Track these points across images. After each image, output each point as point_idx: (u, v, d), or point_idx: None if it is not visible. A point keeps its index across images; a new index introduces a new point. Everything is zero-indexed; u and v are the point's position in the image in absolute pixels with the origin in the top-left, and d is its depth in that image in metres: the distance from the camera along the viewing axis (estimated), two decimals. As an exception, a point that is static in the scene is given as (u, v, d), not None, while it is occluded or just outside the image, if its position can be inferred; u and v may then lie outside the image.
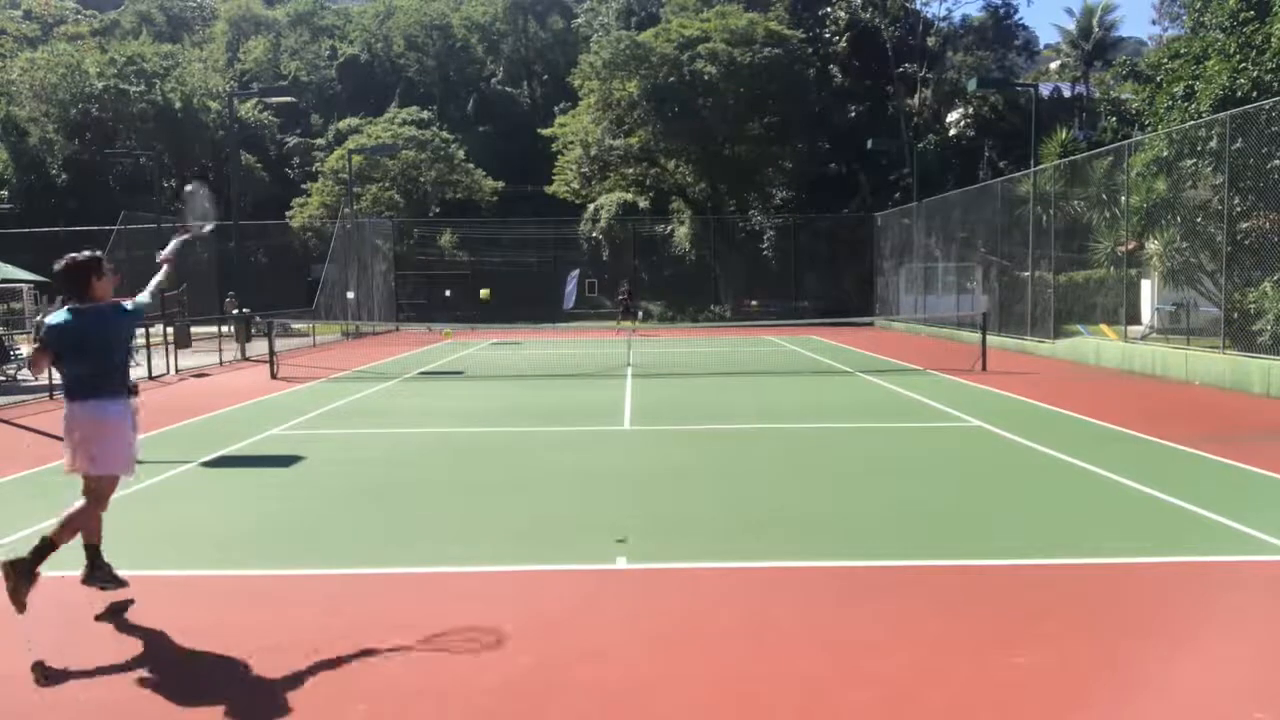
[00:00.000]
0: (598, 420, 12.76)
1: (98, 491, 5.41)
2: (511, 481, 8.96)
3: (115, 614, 5.34)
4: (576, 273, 46.90)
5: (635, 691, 4.32)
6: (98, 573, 5.50)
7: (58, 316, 5.43)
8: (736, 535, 6.94)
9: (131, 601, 5.47)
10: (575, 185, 48.71)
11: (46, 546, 5.13)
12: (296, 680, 4.47)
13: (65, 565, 5.56)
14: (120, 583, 5.52)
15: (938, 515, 7.47)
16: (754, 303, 43.18)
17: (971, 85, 35.88)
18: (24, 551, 5.12)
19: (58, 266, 5.44)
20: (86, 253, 5.53)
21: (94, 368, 5.36)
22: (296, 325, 31.42)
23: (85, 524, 5.40)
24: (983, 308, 25.21)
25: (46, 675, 4.49)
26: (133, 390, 5.49)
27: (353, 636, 4.94)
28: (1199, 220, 17.86)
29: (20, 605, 4.94)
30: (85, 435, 5.31)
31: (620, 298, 37.20)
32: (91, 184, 49.97)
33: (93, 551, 5.50)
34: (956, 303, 30.88)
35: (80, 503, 5.37)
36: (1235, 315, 16.00)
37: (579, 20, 65.93)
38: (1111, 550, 6.42)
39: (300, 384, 17.94)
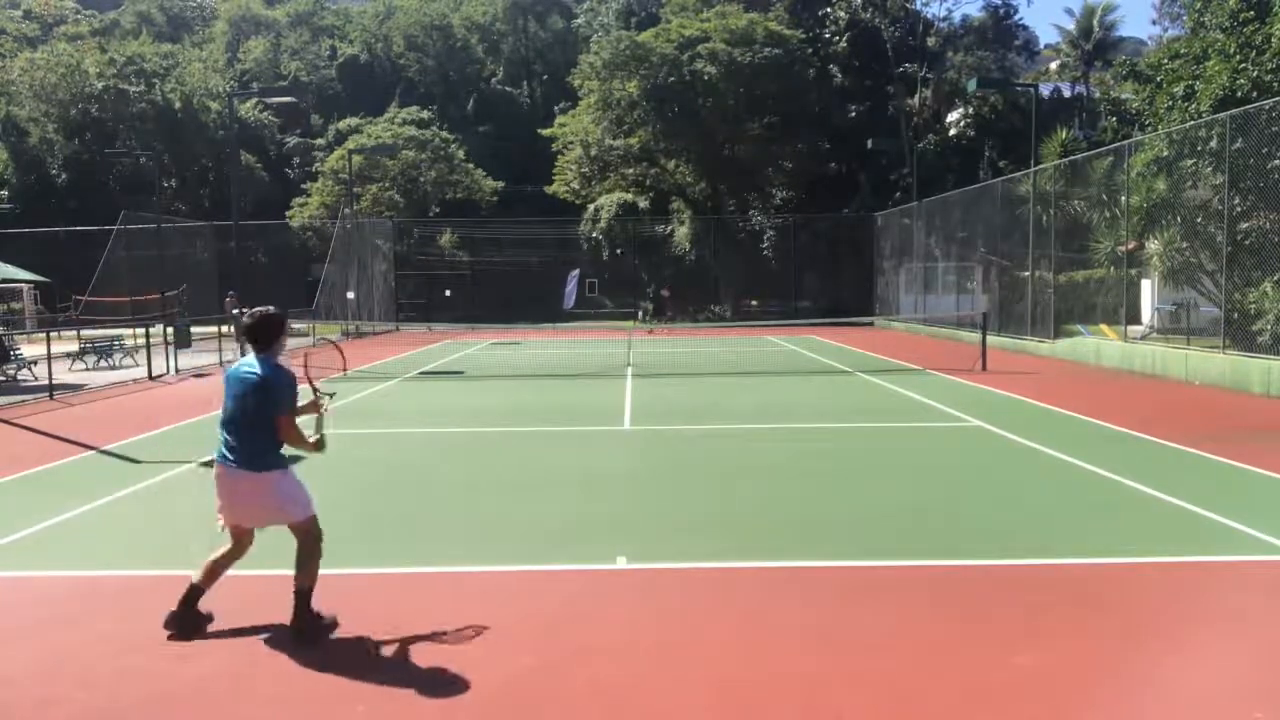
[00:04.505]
0: (598, 420, 12.75)
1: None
2: (512, 481, 8.96)
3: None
4: (576, 273, 46.90)
5: (635, 692, 4.31)
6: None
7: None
8: (736, 535, 6.94)
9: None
10: (575, 185, 48.71)
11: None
12: (297, 680, 4.47)
13: (58, 566, 5.56)
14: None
15: (937, 515, 7.47)
16: (754, 302, 43.17)
17: (971, 85, 35.86)
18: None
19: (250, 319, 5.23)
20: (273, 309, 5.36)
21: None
22: (296, 325, 31.42)
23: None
24: (983, 308, 25.22)
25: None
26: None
27: (353, 636, 4.94)
28: (1199, 220, 17.86)
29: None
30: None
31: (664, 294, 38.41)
32: (91, 184, 49.98)
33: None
34: (956, 303, 30.88)
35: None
36: (1235, 315, 16.00)
37: (579, 20, 66.00)
38: (1111, 550, 6.42)
39: (300, 384, 17.93)
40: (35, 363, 19.14)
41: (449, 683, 4.41)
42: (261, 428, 5.07)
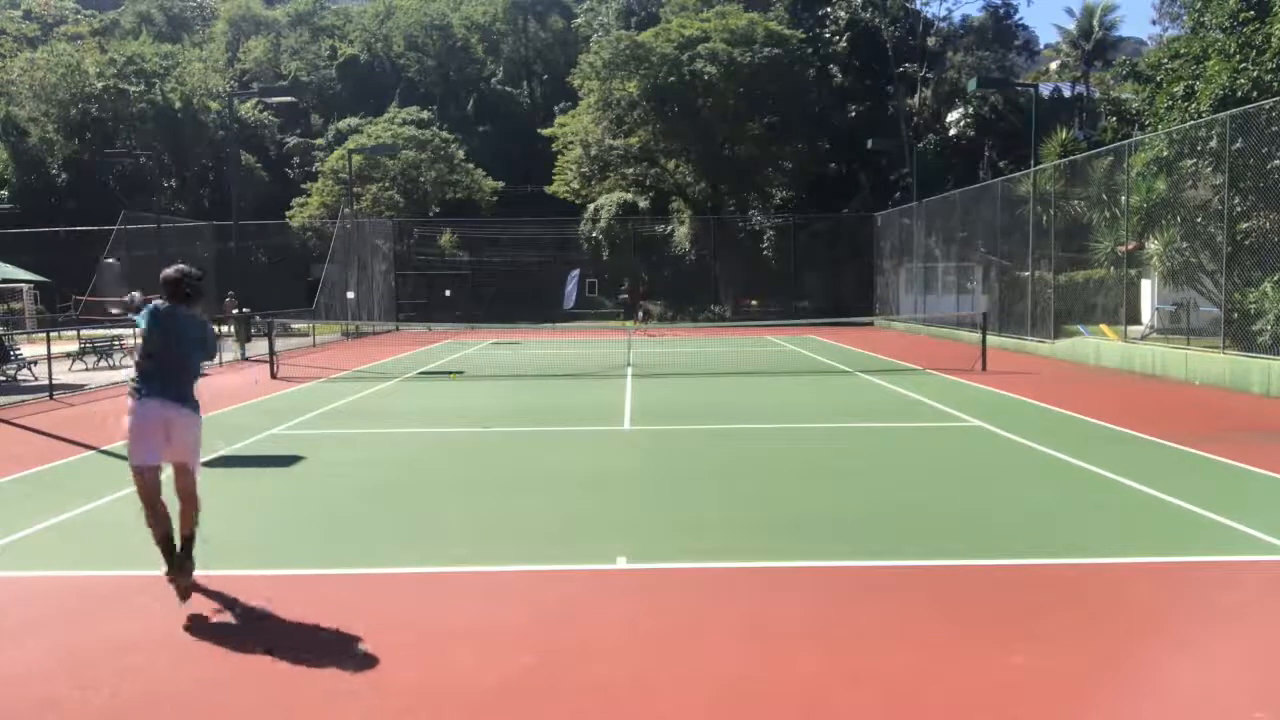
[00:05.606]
0: (598, 420, 12.76)
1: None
2: (512, 482, 8.96)
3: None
4: (576, 273, 46.89)
5: (635, 691, 4.32)
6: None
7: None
8: (736, 535, 6.94)
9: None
10: (575, 185, 48.71)
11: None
12: (297, 680, 4.48)
13: (70, 566, 5.55)
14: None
15: (938, 515, 7.47)
16: (754, 302, 43.14)
17: (971, 85, 35.90)
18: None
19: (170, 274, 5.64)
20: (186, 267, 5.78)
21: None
22: (296, 325, 31.43)
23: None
24: (983, 308, 25.22)
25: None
26: None
27: (353, 636, 4.94)
28: (1199, 220, 17.86)
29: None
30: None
31: (623, 297, 37.53)
32: (91, 184, 49.96)
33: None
34: (956, 303, 30.89)
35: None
36: (1235, 315, 16.00)
37: (579, 20, 65.92)
38: (1111, 550, 6.42)
39: (300, 384, 17.94)
40: (35, 363, 19.13)
41: (449, 682, 4.41)
42: (196, 371, 5.70)
